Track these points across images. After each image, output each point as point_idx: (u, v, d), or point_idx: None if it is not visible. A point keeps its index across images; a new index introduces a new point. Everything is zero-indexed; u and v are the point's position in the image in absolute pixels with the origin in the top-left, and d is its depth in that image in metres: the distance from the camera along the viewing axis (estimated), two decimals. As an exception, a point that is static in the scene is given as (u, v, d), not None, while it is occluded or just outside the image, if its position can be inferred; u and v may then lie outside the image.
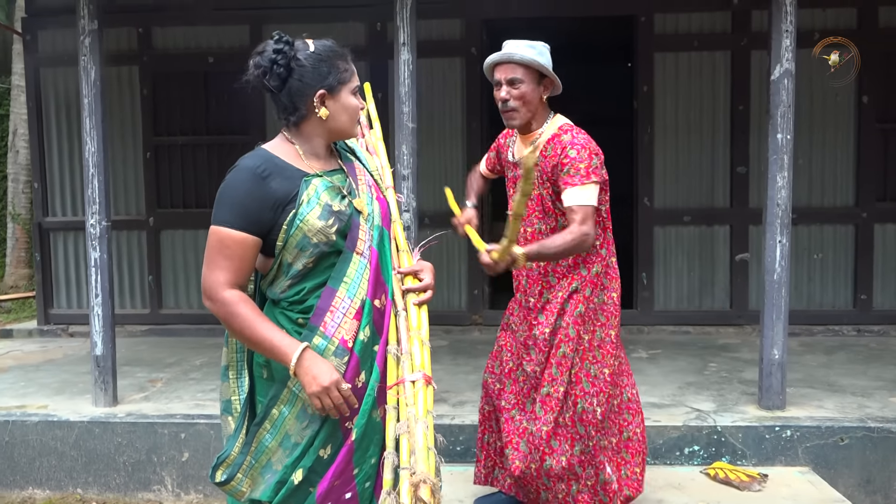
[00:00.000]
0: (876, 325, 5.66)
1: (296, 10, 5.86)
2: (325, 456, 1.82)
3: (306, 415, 1.81)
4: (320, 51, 1.87)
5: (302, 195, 1.81)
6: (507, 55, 2.70)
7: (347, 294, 1.82)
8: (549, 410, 2.68)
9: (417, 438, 1.73)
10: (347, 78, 1.89)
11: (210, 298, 1.78)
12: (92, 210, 3.87)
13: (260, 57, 1.86)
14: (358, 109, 1.93)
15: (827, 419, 3.57)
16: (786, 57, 3.56)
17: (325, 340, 1.79)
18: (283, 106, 1.89)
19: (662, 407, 3.83)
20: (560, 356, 2.69)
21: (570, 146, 2.64)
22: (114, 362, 4.00)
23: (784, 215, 3.63)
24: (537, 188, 2.74)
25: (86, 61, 3.82)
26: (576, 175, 2.61)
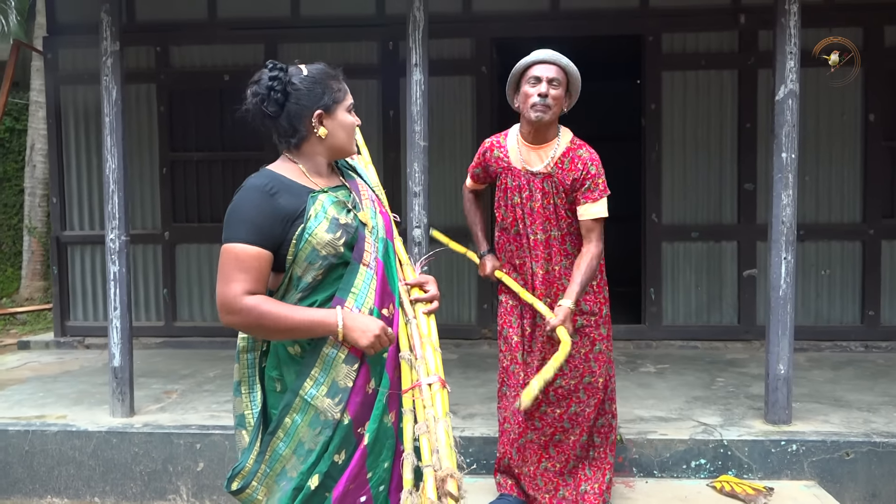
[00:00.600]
0: (884, 340, 5.69)
1: (309, 29, 6.00)
2: (339, 461, 1.89)
3: (319, 421, 1.87)
4: (314, 73, 1.95)
5: (309, 210, 1.88)
6: (556, 57, 2.88)
7: (356, 304, 1.90)
8: (592, 395, 3.03)
9: (440, 436, 1.82)
10: (342, 97, 1.98)
11: (231, 312, 1.81)
12: (112, 225, 3.98)
13: (257, 85, 1.94)
14: (354, 126, 2.02)
15: (833, 434, 3.61)
16: (790, 78, 3.64)
17: (335, 349, 1.87)
18: (282, 129, 1.96)
19: (669, 421, 3.88)
20: (597, 352, 3.02)
21: (591, 163, 2.87)
22: (131, 374, 4.09)
23: (789, 233, 3.69)
24: (553, 197, 2.88)
25: (107, 81, 3.94)
26: (595, 190, 2.85)
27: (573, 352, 2.94)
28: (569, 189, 2.89)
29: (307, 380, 1.88)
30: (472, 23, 5.88)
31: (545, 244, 2.95)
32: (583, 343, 2.97)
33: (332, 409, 1.87)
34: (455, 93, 5.95)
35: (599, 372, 3.00)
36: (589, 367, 2.99)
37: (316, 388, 1.87)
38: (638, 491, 3.43)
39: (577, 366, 2.98)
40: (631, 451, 3.60)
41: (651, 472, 3.59)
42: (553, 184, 2.90)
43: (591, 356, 2.98)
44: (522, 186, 2.97)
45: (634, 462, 3.60)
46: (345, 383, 1.88)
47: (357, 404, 1.90)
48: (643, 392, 4.47)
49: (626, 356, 5.50)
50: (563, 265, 2.97)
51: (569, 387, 2.98)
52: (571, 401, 2.99)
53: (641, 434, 3.65)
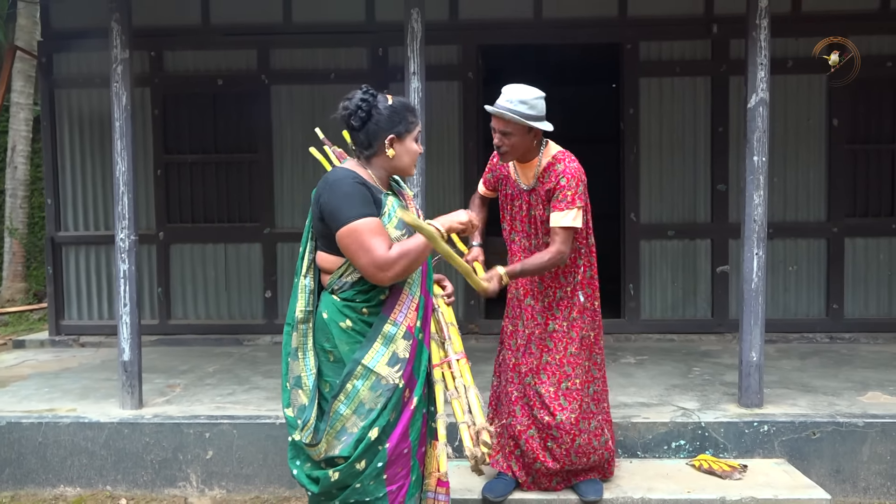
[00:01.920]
0: (847, 332, 6.04)
1: (302, 35, 6.20)
2: (392, 419, 2.31)
3: (380, 385, 2.27)
4: (395, 105, 2.36)
5: (385, 206, 2.30)
6: (499, 113, 3.05)
7: (410, 292, 2.35)
8: (573, 400, 3.19)
9: (472, 400, 2.34)
10: (413, 128, 2.39)
11: (387, 267, 2.19)
12: (122, 225, 4.16)
13: (349, 101, 2.33)
14: (417, 153, 2.44)
15: (800, 415, 3.92)
16: (760, 87, 3.93)
17: (395, 327, 2.30)
18: (360, 141, 2.35)
19: (651, 406, 4.15)
20: (569, 355, 3.21)
21: (562, 175, 3.09)
22: (139, 367, 4.26)
23: (760, 230, 3.98)
24: (533, 209, 3.16)
25: (118, 87, 4.11)
26: (563, 201, 3.05)
27: (549, 358, 3.21)
28: (545, 201, 3.13)
29: (369, 351, 2.28)
30: (459, 30, 6.12)
31: (527, 251, 3.23)
32: (556, 348, 3.20)
33: (393, 375, 2.29)
34: (442, 97, 6.18)
35: (574, 374, 3.19)
36: (564, 373, 3.19)
37: (378, 358, 2.27)
38: (623, 470, 3.69)
39: (554, 372, 3.20)
40: (616, 433, 3.86)
41: (635, 453, 3.86)
42: (536, 196, 3.17)
43: (566, 360, 3.19)
44: (515, 196, 3.27)
45: (620, 444, 3.86)
46: (403, 354, 2.31)
47: (409, 373, 2.33)
48: (625, 381, 4.75)
49: (608, 349, 5.74)
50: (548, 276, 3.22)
51: (550, 394, 3.19)
52: (555, 409, 3.19)
53: (626, 418, 3.92)
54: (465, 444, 2.28)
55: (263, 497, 3.94)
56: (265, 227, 6.34)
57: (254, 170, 6.36)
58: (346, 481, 2.30)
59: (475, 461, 2.28)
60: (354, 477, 2.29)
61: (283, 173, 6.34)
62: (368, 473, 2.29)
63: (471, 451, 2.27)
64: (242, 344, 6.21)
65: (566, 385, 3.18)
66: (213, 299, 6.45)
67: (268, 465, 3.94)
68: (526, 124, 3.03)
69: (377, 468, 2.29)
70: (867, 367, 5.06)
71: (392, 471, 2.32)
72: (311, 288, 2.39)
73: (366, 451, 2.28)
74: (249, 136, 6.34)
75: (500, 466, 3.39)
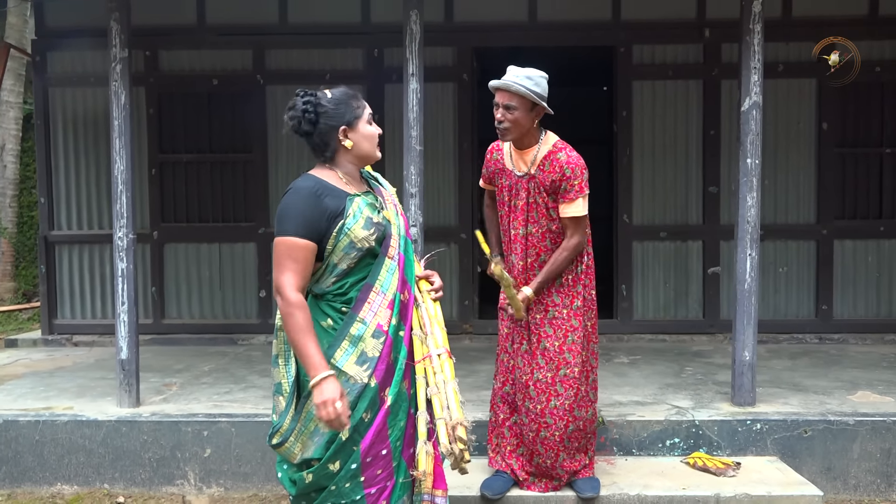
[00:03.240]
0: (836, 333, 6.12)
1: (297, 36, 6.22)
2: (366, 419, 2.28)
3: (348, 385, 2.24)
4: (337, 96, 2.35)
5: (348, 210, 2.29)
6: (506, 84, 3.12)
7: (381, 289, 2.31)
8: (568, 387, 3.22)
9: (449, 395, 2.30)
10: (361, 112, 2.38)
11: (280, 295, 2.23)
12: (120, 224, 4.16)
13: (293, 111, 2.34)
14: (375, 135, 2.42)
15: (792, 414, 3.98)
16: (754, 90, 4.00)
17: (363, 325, 2.26)
18: (316, 145, 2.36)
19: (645, 404, 4.21)
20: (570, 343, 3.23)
21: (566, 165, 3.13)
22: (137, 366, 4.27)
23: (753, 231, 4.04)
24: (534, 196, 3.20)
25: (116, 86, 4.12)
26: (571, 191, 3.12)
27: (547, 345, 3.23)
28: (549, 189, 3.17)
29: (337, 350, 2.26)
30: (455, 32, 6.15)
31: (525, 239, 3.25)
32: (556, 335, 3.22)
33: (361, 374, 2.26)
34: (438, 99, 6.22)
35: (574, 362, 3.22)
36: (564, 359, 3.21)
37: (346, 357, 2.25)
38: (619, 467, 3.74)
39: (552, 358, 3.23)
40: (612, 431, 3.92)
41: (630, 451, 3.91)
42: (535, 184, 3.20)
43: (566, 347, 3.21)
44: (512, 186, 3.29)
45: (615, 442, 3.92)
46: (373, 353, 2.28)
47: (382, 371, 2.29)
48: (619, 380, 4.80)
49: (601, 348, 5.73)
50: (541, 259, 3.24)
51: (546, 380, 3.22)
52: (550, 395, 3.22)
53: (621, 416, 3.97)
54: (441, 441, 2.25)
55: (262, 495, 3.96)
56: (260, 226, 6.35)
57: (248, 170, 6.37)
58: (321, 483, 2.29)
59: (453, 458, 2.25)
60: (329, 479, 2.28)
61: (278, 173, 6.36)
62: (343, 475, 2.27)
63: (446, 448, 2.24)
64: (237, 343, 6.21)
65: (564, 372, 3.21)
66: (207, 299, 6.45)
67: (266, 464, 3.96)
68: (531, 97, 3.07)
69: (351, 470, 2.27)
70: (856, 367, 5.14)
71: (370, 472, 2.29)
72: None
73: (337, 452, 2.27)
74: (244, 135, 6.34)
75: (498, 465, 3.42)
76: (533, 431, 3.26)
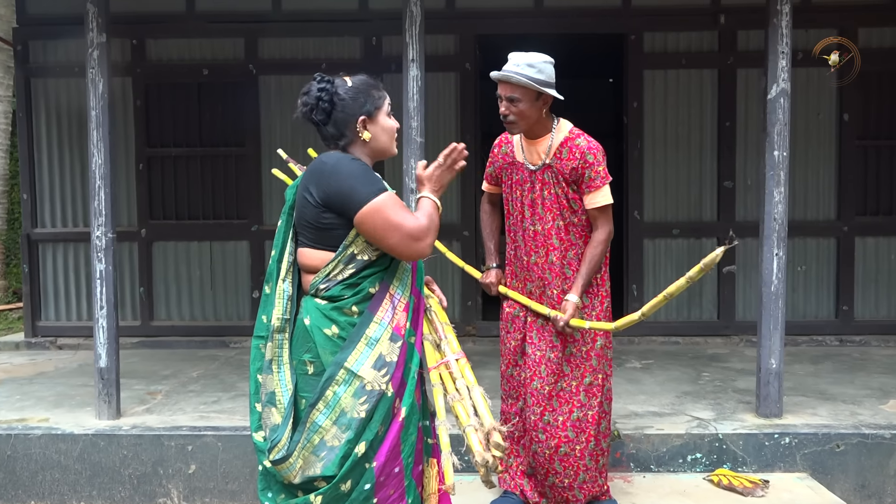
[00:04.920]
0: (857, 335, 5.83)
1: (291, 23, 5.92)
2: (380, 433, 2.04)
3: (364, 391, 2.01)
4: (357, 84, 2.14)
5: None
6: (506, 76, 2.85)
7: (398, 289, 2.12)
8: (592, 396, 2.97)
9: (477, 400, 2.08)
10: (382, 103, 2.17)
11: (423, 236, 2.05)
12: (98, 222, 3.87)
13: (307, 96, 2.13)
14: (394, 129, 2.21)
15: (823, 426, 3.69)
16: (781, 77, 3.70)
17: (381, 327, 2.05)
18: (330, 135, 2.15)
19: (664, 416, 3.92)
20: (599, 348, 2.97)
21: (588, 151, 2.89)
22: (117, 375, 3.98)
23: (781, 229, 3.75)
24: (553, 188, 2.93)
25: (94, 74, 3.82)
26: (596, 178, 2.89)
27: (574, 350, 2.96)
28: (569, 178, 2.91)
29: (352, 353, 2.03)
30: (457, 19, 5.86)
31: (546, 235, 2.96)
32: (583, 340, 2.97)
33: (379, 379, 2.03)
34: (439, 89, 5.92)
35: (599, 368, 2.98)
36: (590, 366, 2.96)
37: (363, 360, 2.02)
38: (637, 486, 3.46)
39: (578, 365, 2.96)
40: (628, 446, 3.63)
41: (648, 467, 3.62)
42: (553, 174, 2.93)
43: (593, 353, 2.97)
44: (525, 179, 3.01)
45: (632, 457, 3.63)
46: (391, 358, 2.05)
47: (398, 379, 2.07)
48: (633, 388, 4.51)
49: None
50: (568, 256, 2.96)
51: (570, 389, 2.95)
52: (573, 405, 2.95)
53: (638, 429, 3.69)
54: (475, 449, 1.99)
55: (250, 514, 3.68)
56: (253, 223, 6.06)
57: (241, 164, 6.08)
58: None
59: (485, 469, 2.00)
60: (339, 501, 2.02)
61: (272, 167, 6.02)
62: (355, 497, 2.02)
63: (482, 457, 1.99)
64: (228, 346, 5.92)
65: (589, 380, 2.98)
66: (197, 300, 6.16)
67: (255, 481, 3.63)
68: (534, 87, 2.82)
69: (365, 491, 2.02)
70: (883, 373, 4.85)
71: (383, 493, 2.04)
72: (290, 293, 2.17)
73: (352, 470, 2.00)
74: (236, 128, 6.05)
75: (507, 485, 3.13)
76: (551, 448, 2.95)
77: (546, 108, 2.91)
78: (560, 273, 2.97)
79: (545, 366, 2.95)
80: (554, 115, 2.98)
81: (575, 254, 2.97)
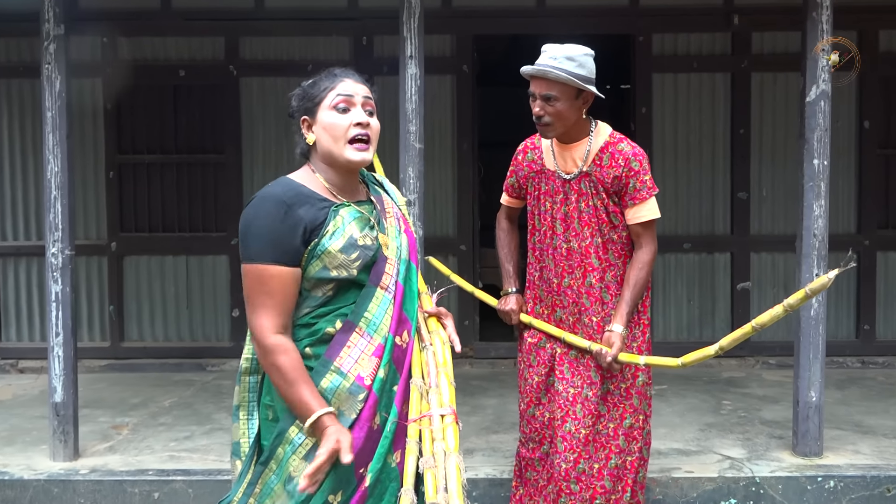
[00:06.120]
0: (880, 356, 5.48)
1: (275, 21, 5.50)
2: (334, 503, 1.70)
3: (311, 455, 1.67)
4: (314, 78, 1.83)
5: (328, 225, 1.73)
6: (542, 70, 2.47)
7: (367, 330, 1.74)
8: (632, 441, 2.59)
9: (450, 473, 1.69)
10: (324, 95, 1.77)
11: (257, 343, 1.72)
12: (53, 237, 3.42)
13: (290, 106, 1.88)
14: (339, 127, 1.76)
15: (870, 467, 3.32)
16: (822, 77, 3.34)
17: (339, 377, 1.71)
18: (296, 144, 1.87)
19: (690, 454, 3.52)
20: (640, 385, 2.59)
21: (633, 158, 2.53)
22: (75, 410, 3.53)
23: (821, 246, 3.40)
24: (592, 199, 2.57)
25: (50, 70, 3.39)
26: (642, 188, 2.53)
27: (611, 387, 2.57)
28: (610, 188, 2.53)
29: None
30: (453, 18, 5.46)
31: (583, 254, 2.57)
32: (623, 376, 2.57)
33: None
34: (434, 93, 5.51)
35: (640, 409, 2.60)
36: (631, 406, 2.59)
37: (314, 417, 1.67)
38: (666, 538, 3.06)
39: (616, 405, 2.58)
40: (654, 491, 3.23)
41: (677, 515, 3.23)
42: (591, 183, 2.54)
43: (633, 391, 2.59)
44: (557, 190, 2.62)
45: (658, 503, 3.22)
46: (348, 415, 1.71)
47: (360, 440, 1.71)
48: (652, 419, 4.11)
49: (620, 376, 5.16)
50: (606, 278, 2.56)
51: (607, 432, 2.57)
52: (611, 451, 2.57)
53: (664, 472, 3.29)
54: None
55: (225, 572, 3.22)
56: (233, 237, 5.61)
57: (220, 172, 5.63)
58: None
59: None
60: None
61: (254, 176, 5.62)
62: None
63: None
64: (206, 370, 5.46)
65: (630, 422, 2.60)
66: (172, 319, 5.70)
67: (231, 533, 3.22)
68: (576, 84, 2.45)
69: None
70: (917, 400, 4.49)
71: None
72: None
73: None
74: (215, 134, 5.62)
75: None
76: (585, 501, 2.53)
77: (586, 108, 2.55)
78: (599, 298, 2.57)
79: (581, 405, 2.54)
80: (591, 117, 2.60)
81: (613, 276, 2.57)
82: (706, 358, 2.21)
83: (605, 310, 2.56)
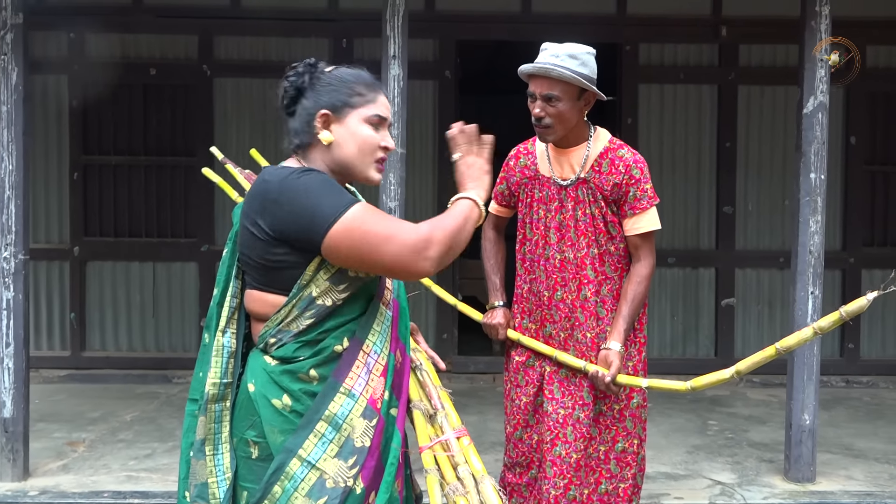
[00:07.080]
0: (863, 375, 5.40)
1: (252, 21, 5.32)
2: None
3: (325, 489, 1.51)
4: (340, 73, 1.67)
5: None
6: (545, 69, 2.31)
7: (375, 347, 1.60)
8: (625, 466, 2.42)
9: (490, 498, 1.58)
10: (360, 104, 1.63)
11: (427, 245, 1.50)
12: (6, 241, 3.20)
13: (284, 79, 1.70)
14: (371, 144, 1.63)
15: (864, 494, 3.21)
16: (820, 88, 3.24)
17: (351, 400, 1.55)
18: (293, 129, 1.66)
19: (678, 478, 3.38)
20: (634, 407, 2.41)
21: (634, 165, 2.38)
22: (26, 426, 3.30)
23: (817, 264, 3.27)
24: (589, 207, 2.40)
25: (6, 61, 3.17)
26: (643, 198, 2.37)
27: (604, 408, 2.40)
28: (609, 196, 2.37)
29: (310, 436, 1.52)
30: (436, 22, 5.32)
31: (578, 265, 2.39)
32: (616, 398, 2.40)
33: (345, 472, 1.53)
34: (415, 99, 5.35)
35: (634, 432, 2.44)
36: (624, 429, 2.41)
37: (322, 448, 1.52)
38: (655, 569, 2.89)
39: (609, 426, 2.41)
40: (642, 518, 3.06)
41: (666, 544, 3.07)
42: (589, 190, 2.38)
43: (627, 413, 2.41)
44: (551, 197, 2.44)
45: (647, 532, 3.07)
46: (361, 442, 1.55)
47: (371, 469, 1.56)
48: (636, 439, 3.96)
49: (602, 393, 5.02)
50: (602, 292, 2.39)
51: (598, 455, 2.41)
52: (601, 475, 2.40)
53: (653, 498, 3.15)
54: None
55: None
56: (203, 243, 5.38)
57: (190, 175, 5.41)
58: None
59: None
60: None
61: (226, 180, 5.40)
62: None
63: None
64: (171, 381, 5.22)
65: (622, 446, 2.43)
66: (137, 328, 5.45)
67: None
68: (580, 83, 2.29)
69: None
70: (904, 422, 4.40)
71: None
72: (232, 349, 1.62)
73: None
74: (186, 136, 5.41)
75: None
76: None
77: (587, 109, 2.38)
78: (594, 313, 2.39)
79: (573, 428, 2.36)
80: (590, 122, 2.46)
81: (609, 290, 2.39)
82: (720, 382, 2.04)
83: (601, 326, 2.40)
